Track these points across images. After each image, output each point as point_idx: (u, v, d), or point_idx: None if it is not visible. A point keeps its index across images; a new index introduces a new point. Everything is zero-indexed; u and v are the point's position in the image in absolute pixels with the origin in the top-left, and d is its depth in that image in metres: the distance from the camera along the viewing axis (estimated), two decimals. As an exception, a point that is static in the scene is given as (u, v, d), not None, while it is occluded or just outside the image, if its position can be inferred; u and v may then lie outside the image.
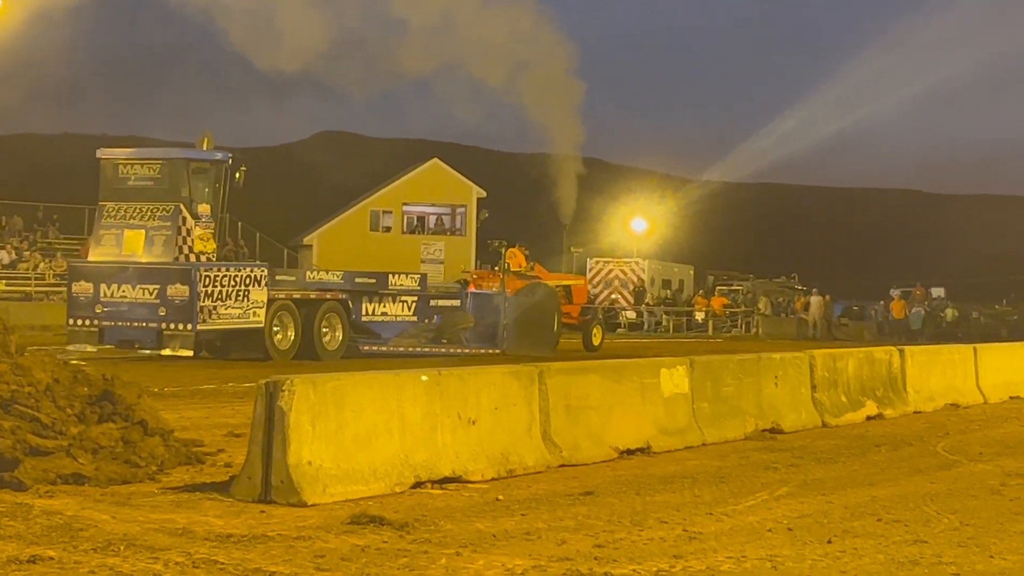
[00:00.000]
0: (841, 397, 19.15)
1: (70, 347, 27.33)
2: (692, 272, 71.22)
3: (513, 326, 33.70)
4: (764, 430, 16.90)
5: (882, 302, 67.98)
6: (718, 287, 69.60)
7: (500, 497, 11.44)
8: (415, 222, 68.62)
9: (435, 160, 70.12)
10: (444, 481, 11.86)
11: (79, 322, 27.61)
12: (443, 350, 32.10)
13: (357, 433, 11.21)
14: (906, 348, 21.85)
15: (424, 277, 33.78)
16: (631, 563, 8.91)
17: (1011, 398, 24.08)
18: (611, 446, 14.25)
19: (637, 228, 65.88)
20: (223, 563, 8.55)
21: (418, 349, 31.89)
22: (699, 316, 61.74)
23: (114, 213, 28.02)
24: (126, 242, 27.71)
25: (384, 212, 68.14)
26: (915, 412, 20.66)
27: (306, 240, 68.04)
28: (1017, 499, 12.26)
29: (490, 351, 32.71)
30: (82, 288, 27.62)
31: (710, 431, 15.93)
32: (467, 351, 32.43)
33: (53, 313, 44.05)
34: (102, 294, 27.26)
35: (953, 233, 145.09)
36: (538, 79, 50.06)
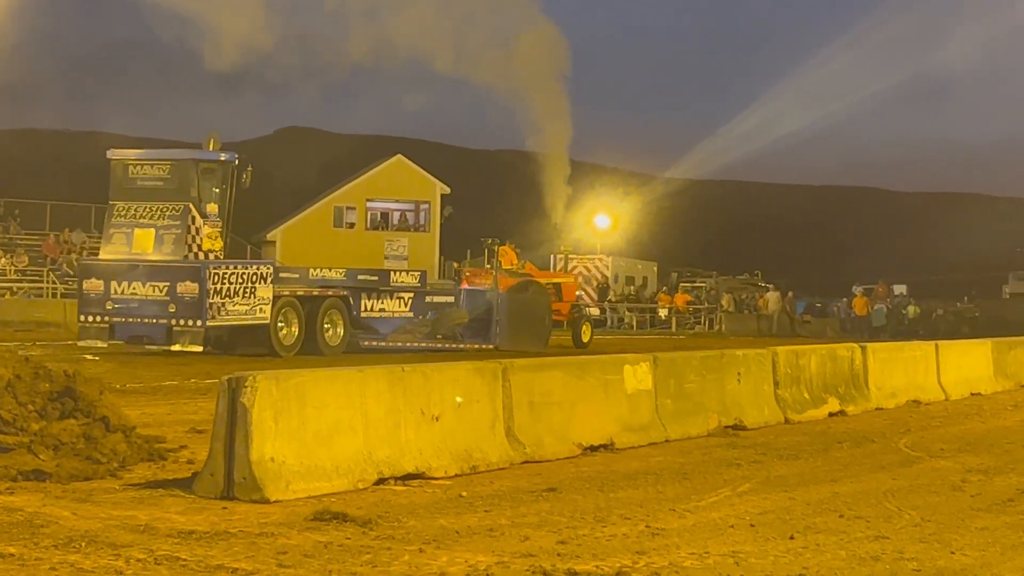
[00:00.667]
0: (804, 394, 19.21)
1: (81, 342, 28.30)
2: (656, 269, 71.34)
3: (506, 322, 34.28)
4: (727, 427, 16.94)
5: (845, 299, 68.25)
6: (681, 284, 69.69)
7: (463, 493, 11.43)
8: (379, 218, 68.52)
9: (399, 156, 70.04)
10: (407, 477, 11.84)
11: (90, 318, 28.19)
12: (439, 345, 32.82)
13: (320, 429, 11.19)
14: (868, 345, 21.93)
15: (424, 274, 34.71)
16: (594, 559, 8.91)
17: (972, 395, 24.20)
18: (574, 442, 14.25)
19: (601, 224, 65.89)
20: (185, 560, 8.52)
21: (414, 344, 32.71)
22: (662, 313, 61.84)
23: (124, 212, 28.80)
24: (136, 240, 28.52)
25: (348, 208, 68.02)
26: (877, 409, 20.74)
27: (269, 236, 67.89)
28: (978, 495, 12.32)
29: (484, 346, 33.12)
30: (93, 285, 28.23)
31: (673, 427, 15.96)
32: (461, 346, 33.12)
33: (16, 309, 43.92)
34: (113, 291, 27.93)
35: (915, 231, 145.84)
36: (528, 76, 50.37)
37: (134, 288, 27.77)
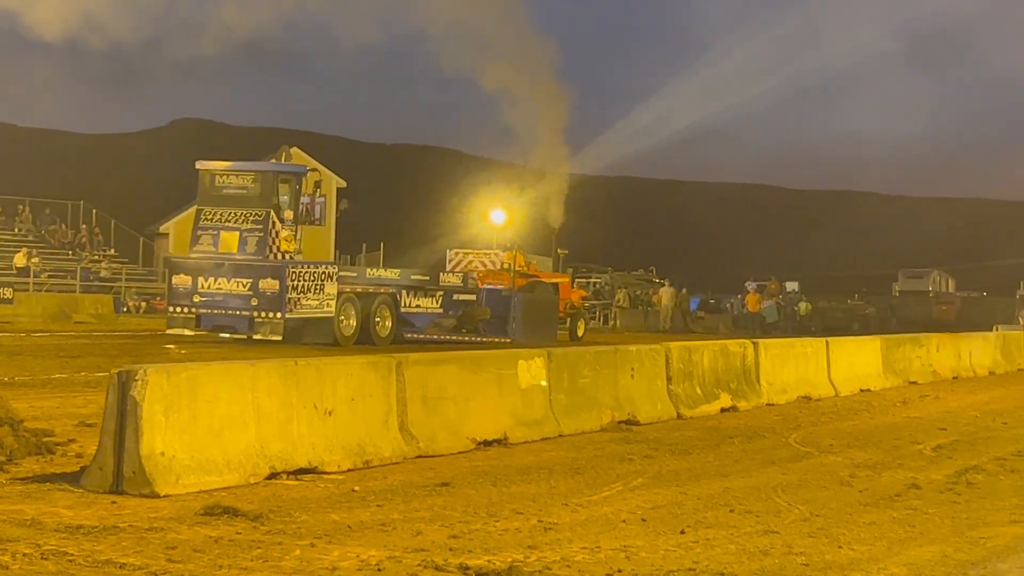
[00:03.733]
0: (696, 389, 19.35)
1: (170, 331, 31.71)
2: (551, 264, 71.40)
3: (521, 318, 37.67)
4: (620, 421, 17.03)
5: (739, 296, 68.83)
6: (577, 279, 69.81)
7: (356, 488, 11.40)
8: (273, 211, 67.92)
9: (294, 149, 69.52)
10: (300, 472, 11.79)
11: (178, 309, 31.57)
12: (465, 339, 35.79)
13: (211, 423, 11.10)
14: (760, 341, 22.12)
15: (467, 276, 38.51)
16: (486, 554, 8.92)
17: (861, 391, 24.51)
18: (468, 437, 14.26)
19: (496, 220, 65.96)
20: (73, 555, 8.42)
21: (444, 337, 35.60)
22: (558, 308, 61.91)
23: (211, 216, 32.26)
24: (222, 241, 31.92)
25: (242, 200, 67.39)
26: (768, 404, 20.95)
27: (162, 228, 67.20)
28: (866, 490, 12.47)
29: (502, 340, 35.67)
30: (181, 280, 31.62)
31: (567, 422, 16.02)
32: (483, 339, 35.75)
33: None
34: (200, 286, 31.27)
35: (808, 228, 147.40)
36: (524, 85, 52.51)
37: (219, 283, 31.11)
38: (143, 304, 57.69)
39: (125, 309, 54.83)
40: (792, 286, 77.41)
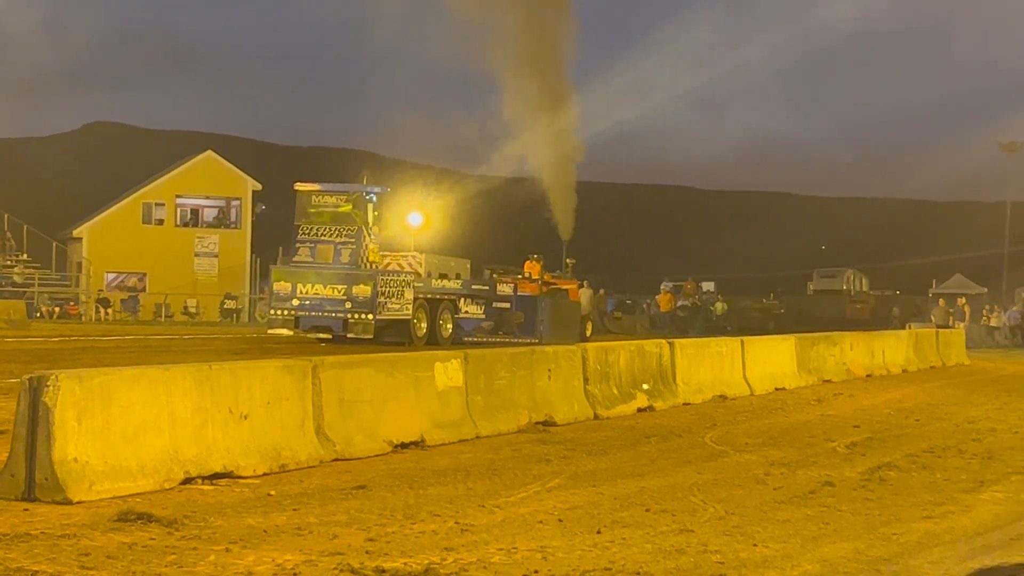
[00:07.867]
0: (613, 389, 19.42)
1: (271, 331, 36.04)
2: (469, 266, 71.42)
3: (547, 320, 41.59)
4: (537, 423, 17.06)
5: (656, 296, 69.10)
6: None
7: (272, 492, 11.35)
8: (188, 215, 67.57)
9: (209, 152, 69.18)
10: (215, 477, 11.73)
11: (279, 312, 35.38)
12: (505, 340, 38.87)
13: (125, 429, 11.01)
14: (676, 341, 22.23)
15: (516, 286, 42.00)
16: (403, 556, 8.91)
17: (776, 389, 24.70)
18: (385, 440, 14.24)
19: (413, 222, 65.90)
20: (-16, 563, 8.33)
21: (485, 339, 39.11)
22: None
23: (308, 231, 36.37)
24: (319, 253, 36.02)
25: (157, 204, 66.98)
26: (684, 404, 21.06)
27: (75, 233, 66.61)
28: (780, 488, 12.57)
29: (532, 340, 37.55)
30: (282, 286, 35.43)
31: (484, 424, 16.03)
32: (516, 340, 38.41)
33: None
34: (299, 291, 35.22)
35: (724, 229, 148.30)
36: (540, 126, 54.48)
37: (316, 289, 35.08)
38: (56, 309, 57.19)
39: (39, 314, 54.35)
40: (708, 286, 77.81)
